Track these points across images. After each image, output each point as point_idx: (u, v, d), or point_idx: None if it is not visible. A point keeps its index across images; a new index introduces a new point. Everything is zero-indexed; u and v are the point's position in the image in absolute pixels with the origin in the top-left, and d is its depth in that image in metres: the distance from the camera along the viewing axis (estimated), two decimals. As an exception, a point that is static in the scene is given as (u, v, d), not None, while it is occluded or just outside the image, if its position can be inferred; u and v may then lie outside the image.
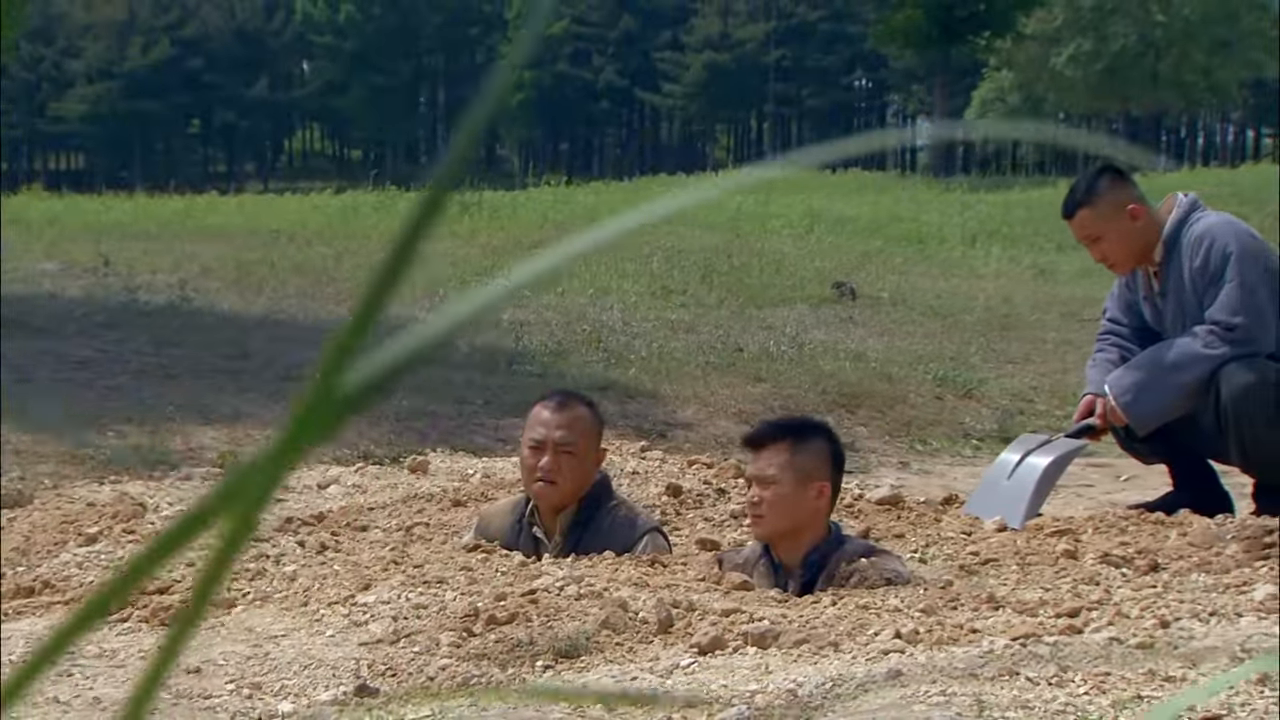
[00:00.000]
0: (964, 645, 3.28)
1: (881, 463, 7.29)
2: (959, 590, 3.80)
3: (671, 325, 10.62)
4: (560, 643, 3.38)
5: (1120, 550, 4.29)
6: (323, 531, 4.86)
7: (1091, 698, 2.84)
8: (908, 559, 4.43)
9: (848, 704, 2.87)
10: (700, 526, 5.16)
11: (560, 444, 4.44)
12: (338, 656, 3.39)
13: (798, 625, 3.45)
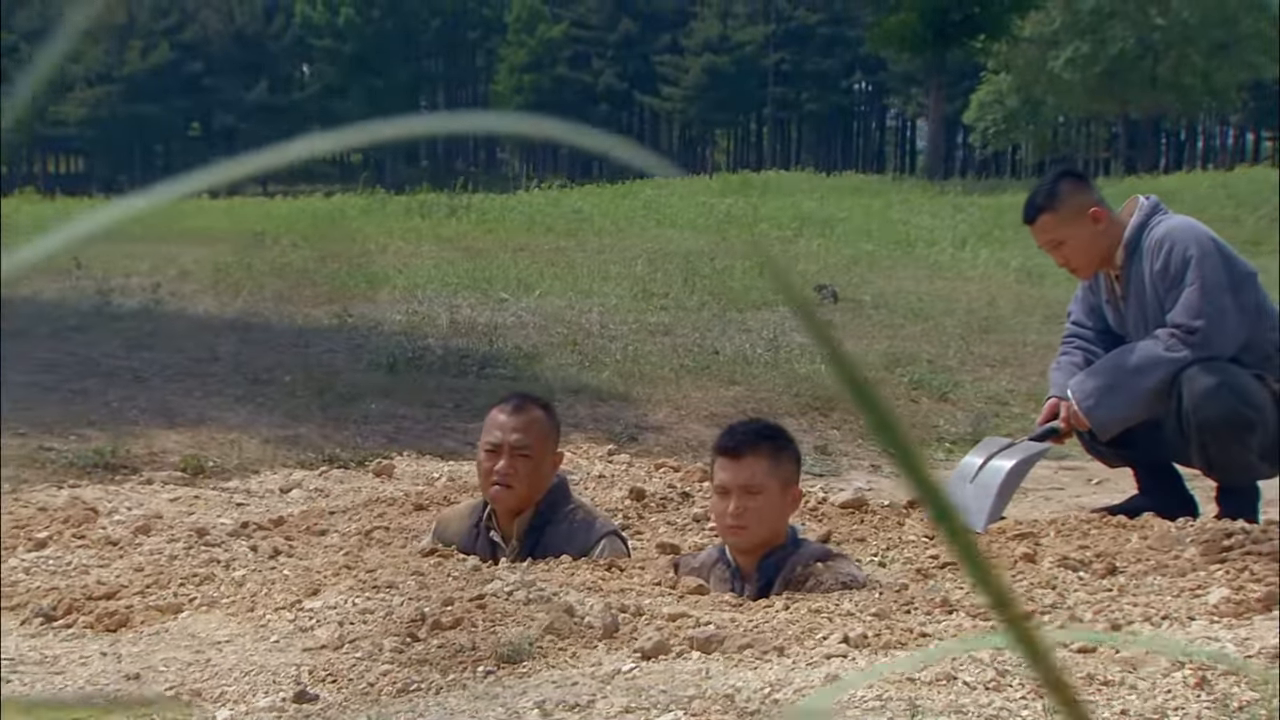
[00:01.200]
0: (911, 649, 3.27)
1: (853, 465, 7.27)
2: (914, 594, 3.78)
3: (650, 328, 10.57)
4: (503, 648, 3.36)
5: (1079, 554, 4.28)
6: (278, 536, 4.84)
7: (1027, 702, 2.83)
8: (867, 563, 4.42)
9: (784, 709, 2.85)
10: (662, 530, 5.14)
11: (516, 447, 4.43)
12: (280, 663, 3.36)
13: (744, 630, 3.43)
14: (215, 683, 3.26)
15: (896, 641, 3.34)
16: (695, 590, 3.91)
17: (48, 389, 7.47)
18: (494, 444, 4.48)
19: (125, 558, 4.39)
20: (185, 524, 5.01)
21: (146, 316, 10.32)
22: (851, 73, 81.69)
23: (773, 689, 2.94)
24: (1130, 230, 5.27)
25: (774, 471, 4.02)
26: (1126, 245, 5.28)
